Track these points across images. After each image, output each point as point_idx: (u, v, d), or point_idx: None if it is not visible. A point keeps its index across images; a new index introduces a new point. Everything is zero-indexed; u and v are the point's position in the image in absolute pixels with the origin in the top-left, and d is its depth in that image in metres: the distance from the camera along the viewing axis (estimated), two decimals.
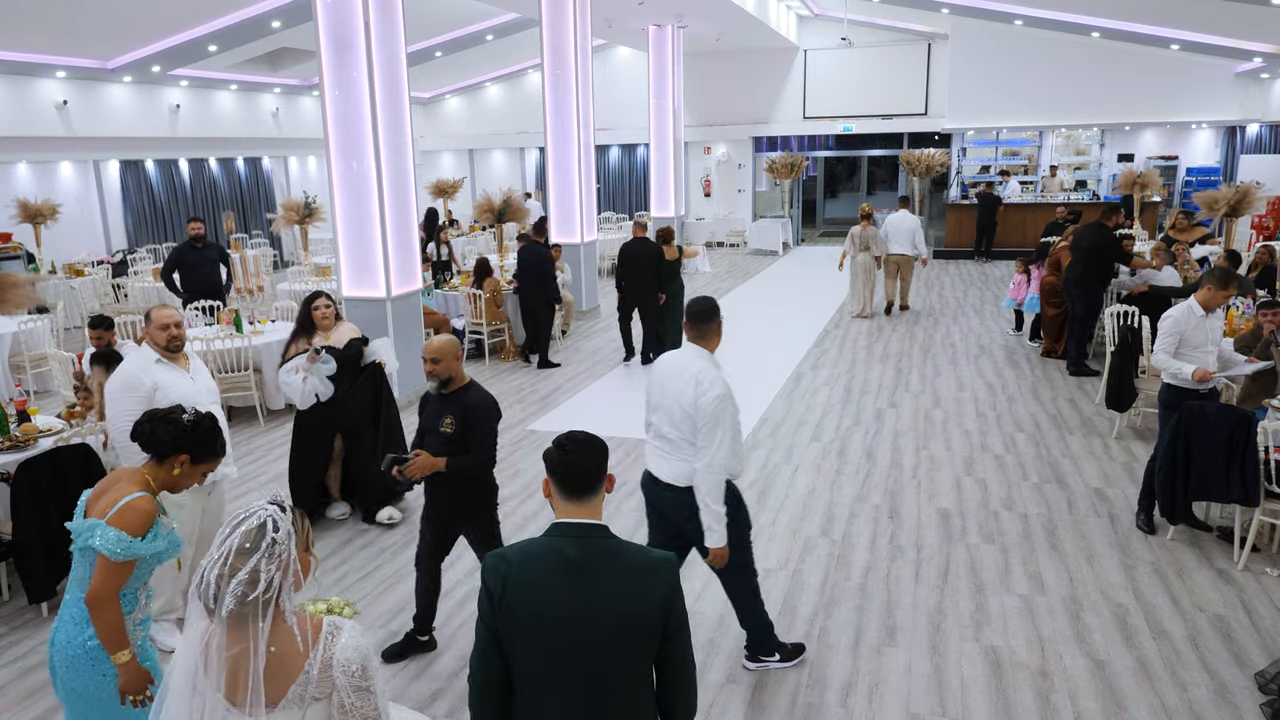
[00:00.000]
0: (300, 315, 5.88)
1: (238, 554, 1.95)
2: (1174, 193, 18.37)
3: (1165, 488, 5.30)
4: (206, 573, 1.95)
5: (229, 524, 1.99)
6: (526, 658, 2.19)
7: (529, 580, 2.18)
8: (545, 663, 2.19)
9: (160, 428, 2.91)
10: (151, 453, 2.92)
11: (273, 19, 13.16)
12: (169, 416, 2.95)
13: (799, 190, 21.85)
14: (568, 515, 2.27)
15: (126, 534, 2.69)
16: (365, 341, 5.94)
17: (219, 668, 1.97)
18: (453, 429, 4.02)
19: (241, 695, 1.97)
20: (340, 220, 8.27)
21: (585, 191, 13.02)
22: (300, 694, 2.00)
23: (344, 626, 2.08)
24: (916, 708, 3.94)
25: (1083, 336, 9.21)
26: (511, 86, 22.44)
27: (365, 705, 2.05)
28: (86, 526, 2.74)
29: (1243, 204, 10.87)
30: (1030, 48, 17.87)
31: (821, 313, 12.91)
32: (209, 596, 1.94)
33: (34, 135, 14.17)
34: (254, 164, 19.54)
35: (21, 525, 4.80)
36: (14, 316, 8.87)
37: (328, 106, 8.02)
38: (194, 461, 2.94)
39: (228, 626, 1.96)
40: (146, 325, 4.45)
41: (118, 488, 2.84)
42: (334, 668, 2.02)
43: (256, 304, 12.44)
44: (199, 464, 2.96)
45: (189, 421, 2.94)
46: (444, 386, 4.09)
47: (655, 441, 3.91)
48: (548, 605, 2.16)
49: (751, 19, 15.76)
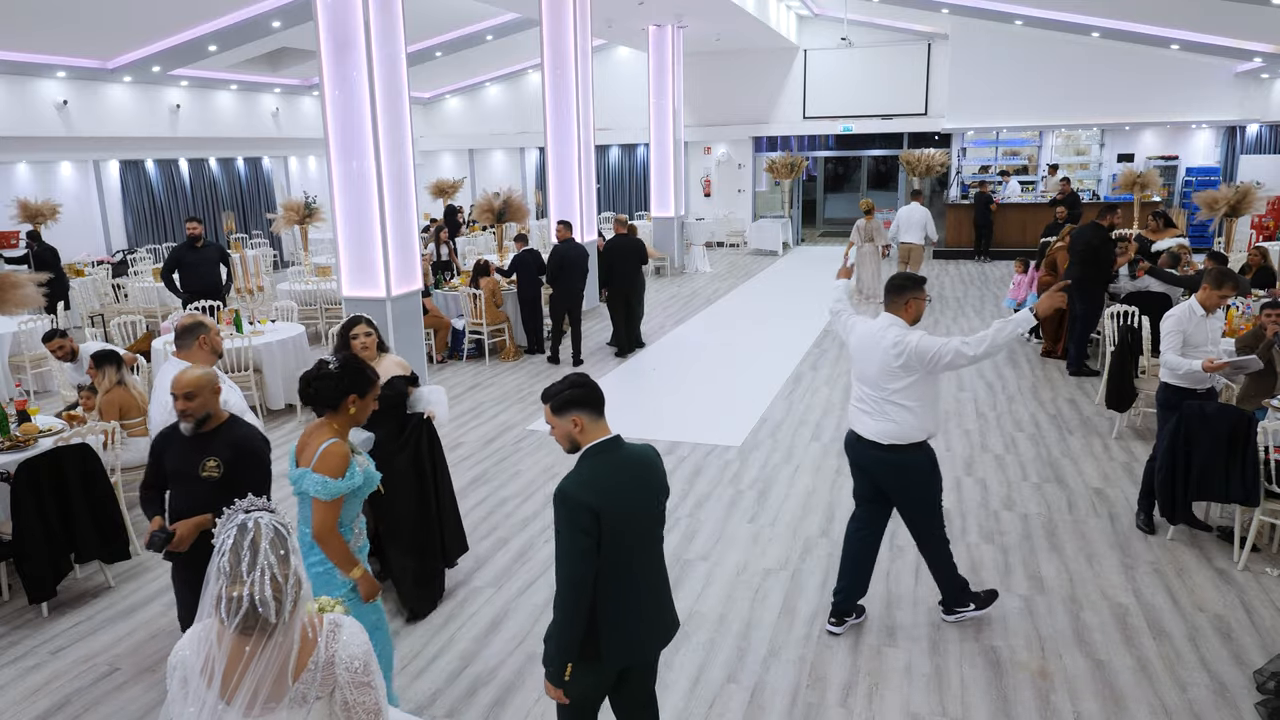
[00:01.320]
0: (337, 346, 4.88)
1: (280, 564, 1.95)
2: (1174, 193, 18.36)
3: (1165, 488, 5.30)
4: (256, 594, 1.90)
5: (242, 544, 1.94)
6: (616, 551, 2.75)
7: (617, 488, 2.77)
8: (631, 551, 2.80)
9: (320, 385, 3.27)
10: (326, 406, 3.29)
11: (273, 19, 13.16)
12: (319, 374, 3.30)
13: (799, 190, 21.86)
14: (602, 434, 2.85)
15: (329, 477, 3.15)
16: (413, 380, 4.84)
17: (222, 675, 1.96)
18: (219, 472, 3.50)
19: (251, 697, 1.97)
20: (340, 220, 8.27)
21: (585, 191, 13.02)
22: (303, 692, 2.01)
23: (344, 624, 2.09)
24: (916, 708, 3.94)
25: (1083, 337, 9.21)
26: (511, 86, 22.44)
27: (367, 700, 2.06)
28: (299, 474, 3.22)
29: (1243, 204, 10.88)
30: (1030, 48, 17.88)
31: (822, 313, 12.90)
32: (270, 613, 1.91)
33: (34, 135, 14.17)
34: (254, 164, 19.55)
35: (21, 525, 4.80)
36: (14, 316, 8.87)
37: (328, 106, 8.03)
38: (361, 396, 3.31)
39: (241, 632, 1.94)
40: (201, 335, 4.26)
41: (314, 438, 3.26)
42: (336, 665, 2.03)
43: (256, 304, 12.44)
44: (365, 396, 3.33)
45: (337, 370, 3.29)
46: (200, 425, 3.56)
47: (858, 404, 4.36)
48: (634, 502, 2.82)
49: (751, 19, 15.76)
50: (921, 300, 4.25)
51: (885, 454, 4.24)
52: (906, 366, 4.12)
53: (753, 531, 5.75)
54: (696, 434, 7.61)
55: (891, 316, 4.27)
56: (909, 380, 4.14)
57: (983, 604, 4.60)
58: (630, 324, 10.77)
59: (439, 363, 10.56)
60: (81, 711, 4.06)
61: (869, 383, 4.25)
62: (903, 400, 4.16)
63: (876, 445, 4.26)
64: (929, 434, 4.26)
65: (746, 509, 6.10)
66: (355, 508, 3.30)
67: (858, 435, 4.36)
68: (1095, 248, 8.82)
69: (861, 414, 4.32)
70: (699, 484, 6.58)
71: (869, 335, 4.28)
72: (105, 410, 5.91)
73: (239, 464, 3.52)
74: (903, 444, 4.21)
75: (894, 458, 4.23)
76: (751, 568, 5.26)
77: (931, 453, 4.32)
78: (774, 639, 4.50)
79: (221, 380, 4.22)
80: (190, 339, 4.26)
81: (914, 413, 4.17)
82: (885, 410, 4.20)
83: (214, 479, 3.49)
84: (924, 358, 4.09)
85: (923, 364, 4.11)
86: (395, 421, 4.68)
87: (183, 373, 3.53)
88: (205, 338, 4.28)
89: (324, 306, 11.80)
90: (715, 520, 5.94)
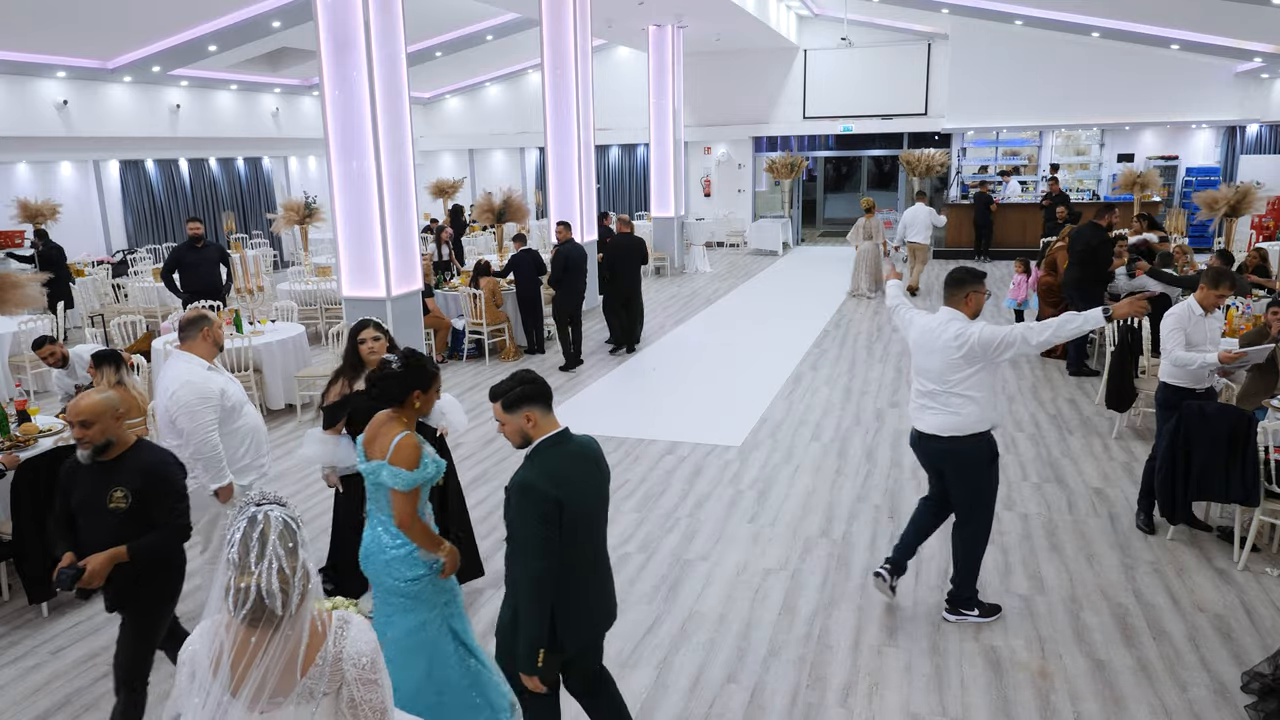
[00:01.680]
0: (346, 351, 4.56)
1: (289, 557, 1.97)
2: (1174, 193, 18.36)
3: (1165, 488, 5.30)
4: (263, 585, 1.93)
5: (251, 535, 1.97)
6: (573, 539, 2.88)
7: (576, 480, 2.91)
8: (585, 538, 2.96)
9: (387, 385, 3.42)
10: (393, 403, 3.45)
11: (273, 19, 13.16)
12: (384, 374, 3.44)
13: (799, 190, 21.85)
14: (552, 427, 2.96)
15: (404, 469, 3.28)
16: None
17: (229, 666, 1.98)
18: (127, 503, 3.31)
19: (258, 690, 1.98)
20: (340, 220, 8.27)
21: (585, 191, 13.02)
22: (311, 688, 2.02)
23: (353, 621, 2.11)
24: (916, 708, 3.94)
25: (1083, 337, 9.21)
26: (511, 86, 22.44)
27: (374, 698, 2.07)
28: (373, 467, 3.36)
29: (1243, 204, 10.87)
30: (1030, 48, 17.87)
31: (821, 313, 12.91)
32: (277, 604, 1.94)
33: (34, 135, 14.16)
34: (254, 164, 19.55)
35: (21, 525, 4.81)
36: (14, 316, 8.87)
37: (328, 106, 8.03)
38: (424, 391, 3.47)
39: (246, 626, 1.96)
40: (204, 328, 4.31)
41: (383, 432, 3.39)
42: (344, 661, 2.04)
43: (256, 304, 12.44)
44: (428, 390, 3.50)
45: (400, 368, 3.44)
46: (102, 453, 3.35)
47: (919, 400, 4.47)
48: (588, 491, 2.96)
49: (751, 19, 15.75)
50: (981, 294, 4.33)
51: (945, 445, 4.36)
52: (969, 358, 4.21)
53: (753, 531, 5.74)
54: (696, 434, 7.61)
55: (952, 310, 4.34)
56: (971, 371, 4.23)
57: (986, 613, 4.61)
58: (631, 323, 10.82)
59: (439, 362, 10.55)
60: (81, 711, 4.06)
61: (932, 377, 4.35)
62: (966, 391, 4.26)
63: (936, 439, 4.38)
64: (992, 424, 4.36)
65: (746, 509, 6.10)
66: (426, 492, 3.49)
67: (919, 432, 4.48)
68: (1094, 248, 8.83)
69: (923, 410, 4.44)
70: (699, 484, 6.58)
71: (929, 330, 4.38)
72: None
73: (149, 492, 3.33)
74: (962, 435, 4.31)
75: (954, 448, 4.35)
76: (751, 568, 5.26)
77: (993, 444, 4.41)
78: (774, 639, 4.50)
79: (219, 372, 4.33)
80: (194, 331, 4.30)
81: (978, 403, 4.27)
82: (949, 403, 4.31)
83: (122, 510, 3.30)
84: (989, 348, 4.17)
85: (987, 354, 4.19)
86: None
87: (79, 398, 3.37)
88: (208, 330, 4.32)
89: (324, 306, 11.80)
90: (715, 520, 5.93)
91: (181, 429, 4.12)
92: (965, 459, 4.36)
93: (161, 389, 4.23)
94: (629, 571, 5.24)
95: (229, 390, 4.28)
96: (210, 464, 4.20)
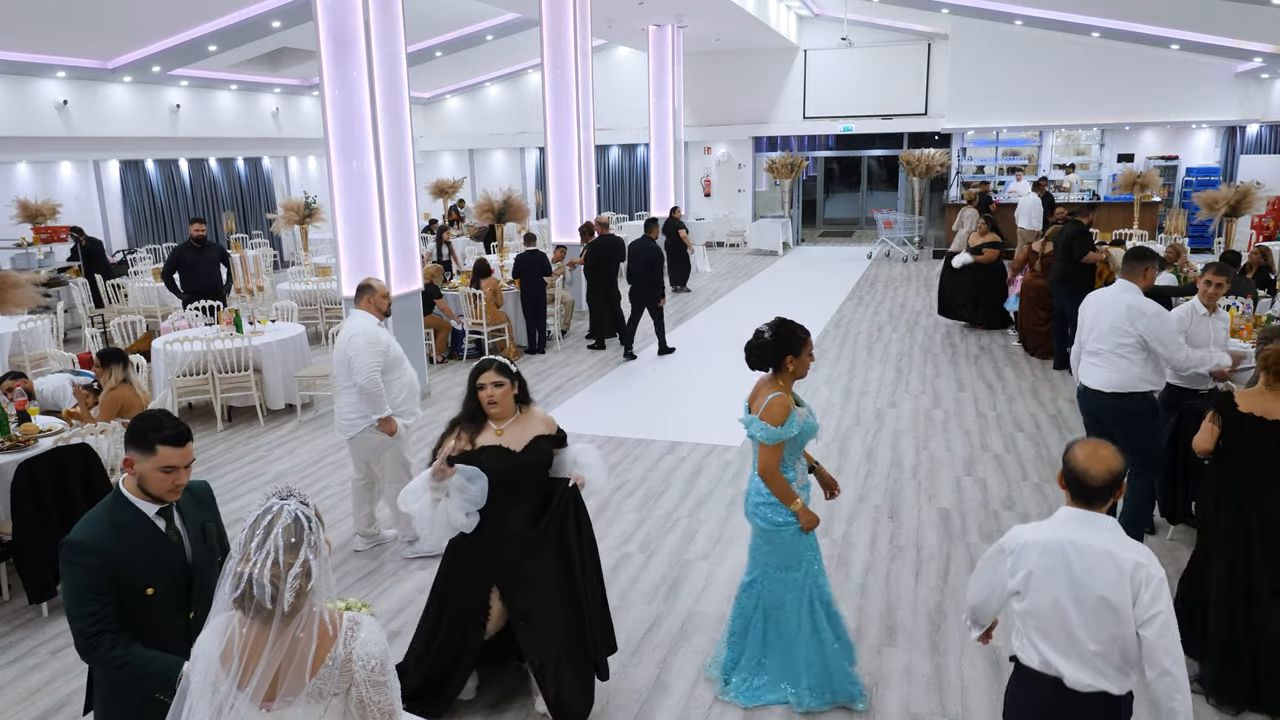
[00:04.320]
0: (466, 398, 3.79)
1: (287, 551, 1.97)
2: (1174, 193, 18.36)
3: (1165, 488, 5.30)
4: (254, 574, 1.95)
5: (259, 524, 1.99)
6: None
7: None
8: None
9: (762, 352, 3.69)
10: (771, 369, 3.73)
11: (273, 19, 13.16)
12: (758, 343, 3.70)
13: (799, 190, 21.85)
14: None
15: (770, 425, 3.61)
16: (560, 441, 3.88)
17: (240, 664, 1.99)
18: None
19: (261, 685, 1.99)
20: (340, 220, 8.27)
21: (585, 192, 13.02)
22: (320, 688, 2.03)
23: (363, 622, 2.12)
24: (916, 708, 3.94)
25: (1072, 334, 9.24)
26: (511, 86, 22.44)
27: (383, 700, 2.09)
28: (749, 420, 3.73)
29: (1243, 204, 10.87)
30: (1030, 48, 17.87)
31: (821, 313, 12.91)
32: (265, 596, 1.95)
33: (34, 135, 14.16)
34: (254, 164, 19.55)
35: (22, 525, 4.81)
36: (14, 316, 8.87)
37: (328, 106, 8.02)
38: (796, 355, 3.70)
39: (259, 621, 1.97)
40: (369, 295, 5.30)
41: (762, 393, 3.72)
42: (354, 662, 2.06)
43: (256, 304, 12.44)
44: (800, 354, 3.71)
45: (770, 337, 3.69)
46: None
47: (1088, 357, 4.95)
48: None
49: (751, 19, 15.75)
50: (1153, 270, 4.85)
51: (1110, 401, 4.82)
52: (1133, 325, 4.70)
53: None
54: (696, 434, 7.60)
55: (1126, 281, 4.84)
56: (1134, 340, 4.73)
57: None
58: (614, 316, 10.97)
59: (439, 363, 10.56)
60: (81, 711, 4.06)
61: (1100, 337, 4.84)
62: (1128, 354, 4.76)
63: (1101, 393, 4.85)
64: (1152, 386, 4.84)
65: None
66: (796, 452, 3.79)
67: (1085, 386, 4.97)
68: (1070, 240, 8.89)
69: (1091, 367, 4.92)
70: (699, 484, 6.58)
71: (1105, 296, 4.94)
72: (106, 408, 5.91)
73: None
74: (1124, 392, 4.79)
75: (1119, 404, 4.81)
76: None
77: (1154, 401, 4.90)
78: None
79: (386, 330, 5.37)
80: (362, 296, 5.35)
81: (1137, 364, 4.76)
82: (1113, 361, 4.80)
83: None
84: (1150, 330, 4.67)
85: (1146, 332, 4.68)
86: (538, 494, 3.79)
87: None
88: (370, 297, 5.32)
89: (324, 306, 11.80)
90: (715, 520, 5.93)
91: (355, 368, 5.14)
92: (1132, 414, 4.80)
93: (341, 337, 5.33)
94: (629, 571, 5.24)
95: (393, 344, 5.31)
96: (373, 399, 5.19)
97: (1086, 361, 4.96)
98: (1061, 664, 2.53)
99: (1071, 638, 2.50)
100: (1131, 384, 4.78)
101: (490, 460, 3.65)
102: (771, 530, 3.77)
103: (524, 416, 3.78)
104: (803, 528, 3.77)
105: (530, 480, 3.77)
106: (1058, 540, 2.52)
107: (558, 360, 10.42)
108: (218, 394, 8.12)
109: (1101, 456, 2.53)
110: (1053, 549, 2.51)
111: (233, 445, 7.77)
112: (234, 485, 6.82)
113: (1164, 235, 14.23)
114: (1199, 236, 16.13)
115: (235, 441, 7.86)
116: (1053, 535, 2.54)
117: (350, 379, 5.20)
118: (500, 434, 3.71)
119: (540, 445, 3.76)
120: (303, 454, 7.49)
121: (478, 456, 3.65)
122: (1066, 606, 2.49)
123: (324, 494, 6.60)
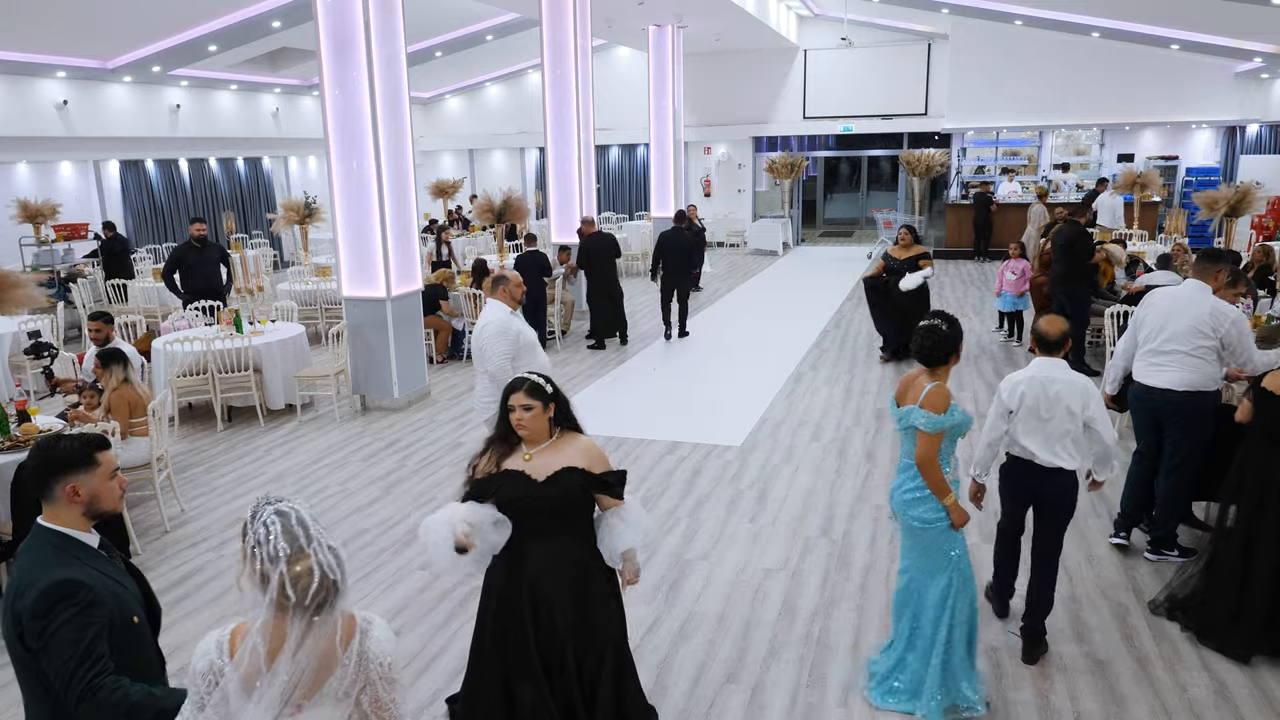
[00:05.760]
0: (500, 417, 3.41)
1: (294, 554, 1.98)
2: (1174, 193, 18.36)
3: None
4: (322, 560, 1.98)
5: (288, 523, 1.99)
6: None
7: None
8: None
9: (938, 345, 3.74)
10: (935, 363, 3.78)
11: (273, 19, 13.16)
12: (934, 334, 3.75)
13: (799, 190, 21.85)
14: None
15: (932, 413, 3.66)
16: (603, 485, 3.36)
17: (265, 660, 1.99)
18: None
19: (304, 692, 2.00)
20: (340, 220, 8.27)
21: (585, 192, 13.02)
22: (336, 689, 2.04)
23: (375, 622, 2.14)
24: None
25: (1079, 335, 9.21)
26: (511, 86, 22.44)
27: (397, 697, 2.12)
28: (905, 412, 3.76)
29: (1242, 204, 10.86)
30: (1030, 48, 17.87)
31: (821, 313, 12.91)
32: (339, 575, 1.99)
33: (34, 135, 14.16)
34: (254, 164, 19.54)
35: (22, 525, 4.80)
36: (14, 316, 8.87)
37: (328, 106, 8.03)
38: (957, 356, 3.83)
39: (299, 622, 1.98)
40: (504, 285, 5.48)
41: (916, 384, 3.80)
42: (369, 662, 2.08)
43: (257, 304, 12.44)
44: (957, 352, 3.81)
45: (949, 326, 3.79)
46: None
47: (1153, 359, 5.04)
48: None
49: (751, 19, 15.76)
50: (1224, 273, 4.94)
51: (1182, 399, 4.93)
52: (1215, 330, 4.84)
53: (753, 531, 5.75)
54: (696, 434, 7.61)
55: (1198, 282, 4.97)
56: (1213, 343, 4.86)
57: (1184, 554, 5.05)
58: (615, 315, 11.25)
59: (439, 363, 10.56)
60: None
61: (1176, 338, 4.93)
62: (1204, 355, 4.88)
63: (1171, 392, 4.95)
64: (1218, 385, 5.00)
65: (746, 509, 6.10)
66: (950, 446, 3.78)
67: (1148, 387, 5.05)
68: (1071, 241, 8.87)
69: (1157, 368, 5.01)
70: (699, 484, 6.58)
71: (1178, 296, 5.02)
72: (118, 409, 5.91)
73: None
74: (1198, 391, 4.91)
75: (1191, 403, 4.93)
76: (751, 568, 5.26)
77: (1219, 399, 5.03)
78: (774, 639, 4.50)
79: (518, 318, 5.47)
80: (496, 287, 5.53)
81: (1213, 365, 4.90)
82: (1188, 362, 4.90)
83: None
84: (1229, 337, 4.82)
85: (1224, 338, 4.84)
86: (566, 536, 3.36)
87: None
88: (504, 288, 5.50)
89: (324, 306, 11.80)
90: (715, 520, 5.94)
91: (486, 356, 5.35)
92: (1197, 411, 4.93)
93: (476, 327, 5.51)
94: None
95: (525, 332, 5.44)
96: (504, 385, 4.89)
97: (1150, 362, 5.03)
98: (1035, 449, 4.06)
99: (1044, 433, 4.03)
100: (1205, 383, 4.92)
101: (506, 487, 3.26)
102: (920, 528, 3.78)
103: (561, 442, 3.34)
104: (953, 524, 3.76)
105: (551, 515, 3.28)
106: (1037, 376, 4.03)
107: (558, 360, 10.41)
108: (218, 394, 8.12)
109: (1054, 321, 4.09)
110: (1035, 381, 4.03)
111: (233, 445, 7.77)
112: (234, 485, 6.82)
113: (1164, 235, 14.23)
114: (1199, 236, 16.10)
115: (235, 441, 7.86)
116: (1034, 373, 4.05)
117: (483, 365, 5.44)
118: (528, 459, 3.29)
119: (567, 479, 3.25)
120: (302, 454, 7.50)
121: (496, 480, 3.29)
122: (1041, 413, 4.01)
123: (324, 494, 6.61)
